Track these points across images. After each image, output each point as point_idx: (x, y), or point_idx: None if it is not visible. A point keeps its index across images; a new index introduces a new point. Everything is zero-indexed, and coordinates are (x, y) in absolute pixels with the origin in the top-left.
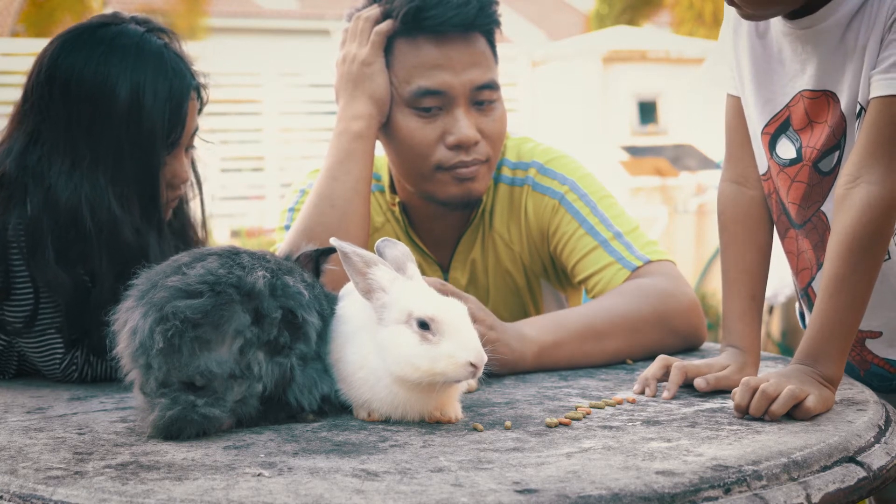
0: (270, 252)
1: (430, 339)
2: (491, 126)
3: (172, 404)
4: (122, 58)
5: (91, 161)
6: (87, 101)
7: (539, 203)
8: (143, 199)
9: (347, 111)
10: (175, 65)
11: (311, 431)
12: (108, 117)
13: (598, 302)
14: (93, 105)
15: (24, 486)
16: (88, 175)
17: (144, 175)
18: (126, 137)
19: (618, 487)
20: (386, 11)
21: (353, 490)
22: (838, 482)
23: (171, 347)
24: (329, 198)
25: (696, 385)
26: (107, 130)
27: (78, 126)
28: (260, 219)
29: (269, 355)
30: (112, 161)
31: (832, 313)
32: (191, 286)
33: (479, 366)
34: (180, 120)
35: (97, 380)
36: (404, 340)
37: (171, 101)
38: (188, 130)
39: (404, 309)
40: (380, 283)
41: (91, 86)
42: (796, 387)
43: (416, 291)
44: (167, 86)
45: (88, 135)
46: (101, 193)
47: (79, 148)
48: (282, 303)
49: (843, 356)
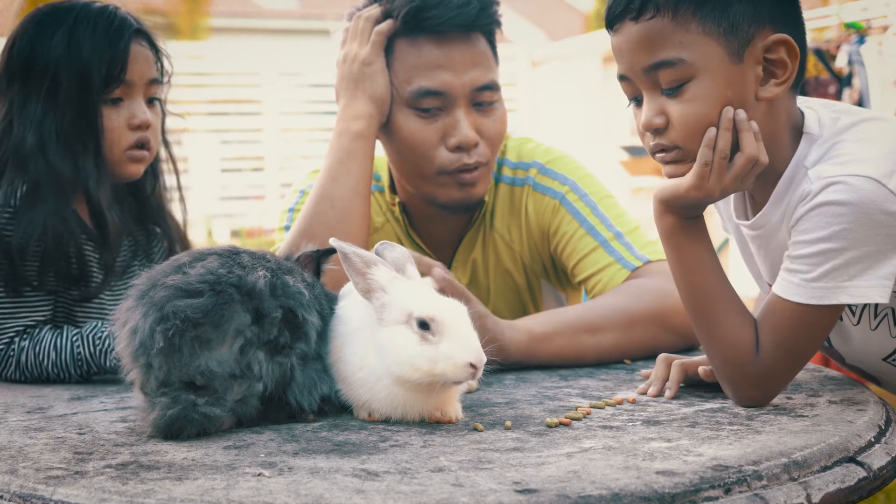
0: (271, 252)
1: (429, 339)
2: (491, 127)
3: (173, 403)
4: (61, 22)
5: (35, 105)
6: (32, 65)
7: (540, 203)
8: (80, 130)
9: (348, 111)
10: (111, 12)
11: (311, 431)
12: (50, 69)
13: (594, 300)
14: (36, 65)
15: (24, 486)
16: (27, 118)
17: (84, 108)
18: (65, 75)
19: (618, 487)
20: (386, 11)
21: (354, 490)
22: (838, 482)
23: (171, 347)
24: (329, 198)
25: (701, 374)
26: (48, 78)
27: (28, 85)
28: (260, 219)
29: (269, 355)
30: (52, 99)
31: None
32: (191, 285)
33: (478, 367)
34: (118, 54)
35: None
36: (404, 341)
37: (108, 36)
38: (137, 71)
39: (404, 309)
40: (379, 283)
41: (33, 51)
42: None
43: (416, 291)
44: (103, 27)
45: (37, 87)
46: (26, 128)
47: (29, 99)
48: (282, 302)
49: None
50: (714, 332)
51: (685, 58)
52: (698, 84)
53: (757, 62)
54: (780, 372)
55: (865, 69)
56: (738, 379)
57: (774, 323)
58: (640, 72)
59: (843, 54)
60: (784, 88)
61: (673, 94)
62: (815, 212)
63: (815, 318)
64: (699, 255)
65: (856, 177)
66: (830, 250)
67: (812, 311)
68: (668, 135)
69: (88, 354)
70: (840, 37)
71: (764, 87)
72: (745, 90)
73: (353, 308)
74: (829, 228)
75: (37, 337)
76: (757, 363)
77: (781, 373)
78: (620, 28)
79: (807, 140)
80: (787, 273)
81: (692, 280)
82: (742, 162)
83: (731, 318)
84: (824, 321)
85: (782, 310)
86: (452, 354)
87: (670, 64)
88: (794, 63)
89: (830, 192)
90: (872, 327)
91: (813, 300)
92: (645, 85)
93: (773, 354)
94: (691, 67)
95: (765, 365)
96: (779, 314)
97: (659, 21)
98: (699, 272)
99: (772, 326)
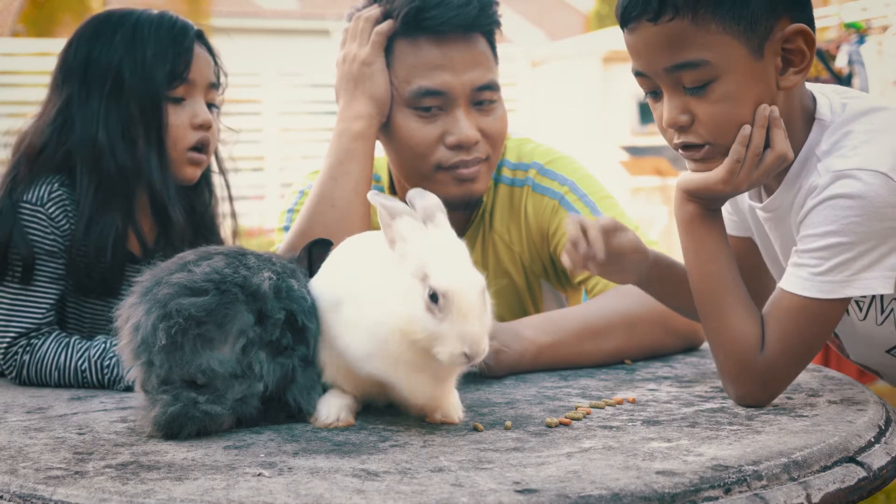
0: (277, 255)
1: (435, 312)
2: (492, 126)
3: (174, 401)
4: (121, 25)
5: (97, 102)
6: (93, 64)
7: (539, 204)
8: (145, 126)
9: (348, 111)
10: (172, 16)
11: (311, 431)
12: (113, 67)
13: (595, 301)
14: (97, 63)
15: (24, 486)
16: (91, 114)
17: (149, 104)
18: (128, 73)
19: (618, 487)
20: (386, 11)
21: (354, 490)
22: (838, 482)
23: (173, 344)
24: (329, 198)
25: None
26: (111, 75)
27: (89, 82)
28: (260, 219)
29: (271, 355)
30: (116, 96)
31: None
32: (196, 284)
33: (473, 358)
34: (182, 53)
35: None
36: (414, 297)
37: (172, 36)
38: (199, 72)
39: (421, 265)
40: (401, 234)
41: (94, 52)
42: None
43: (437, 249)
44: (166, 27)
45: (99, 84)
46: (91, 125)
47: (91, 96)
48: (285, 305)
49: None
50: (721, 324)
51: (709, 59)
52: (724, 84)
53: (776, 53)
54: (784, 368)
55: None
56: (740, 375)
57: (781, 317)
58: (660, 71)
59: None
60: (803, 76)
61: (698, 94)
62: (823, 205)
63: (822, 312)
64: (716, 245)
65: (864, 171)
66: (840, 244)
67: (820, 304)
68: (697, 131)
69: (96, 381)
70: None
71: (784, 76)
72: (769, 83)
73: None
74: (839, 222)
75: (39, 352)
76: (761, 360)
77: (785, 369)
78: (637, 28)
79: (818, 126)
80: (794, 268)
81: (707, 269)
82: (772, 158)
83: (739, 311)
84: (831, 315)
85: (790, 304)
86: (448, 339)
87: (694, 66)
88: (811, 51)
89: (839, 185)
90: (879, 322)
91: (822, 294)
92: (665, 83)
93: (778, 350)
94: (715, 68)
95: (769, 361)
96: (786, 309)
97: (679, 23)
98: (714, 261)
99: (778, 321)
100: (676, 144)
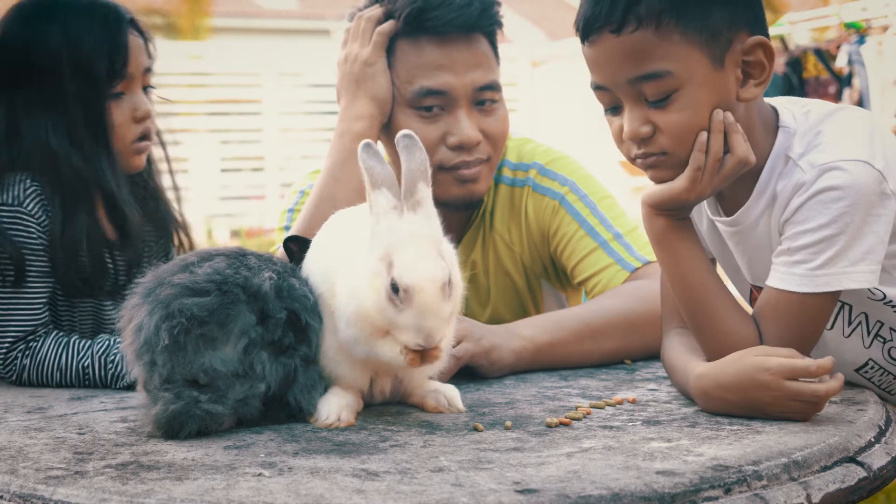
0: (277, 255)
1: (396, 303)
2: (493, 126)
3: (176, 399)
4: (52, 17)
5: (41, 108)
6: (30, 64)
7: (539, 204)
8: (91, 129)
9: (349, 111)
10: (103, 4)
11: (311, 431)
12: (51, 69)
13: (595, 302)
14: (35, 65)
15: (24, 486)
16: (37, 121)
17: (92, 107)
18: (67, 74)
19: (618, 487)
20: (388, 12)
21: (354, 490)
22: (838, 482)
23: (176, 344)
24: (330, 198)
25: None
26: (50, 78)
27: (29, 85)
28: (260, 219)
29: (273, 355)
30: (58, 100)
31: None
32: (198, 284)
33: (425, 354)
34: (119, 48)
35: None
36: (376, 283)
37: (107, 31)
38: (136, 62)
39: (388, 252)
40: (376, 210)
41: (28, 49)
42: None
43: (406, 237)
44: (100, 20)
45: (39, 88)
46: (40, 133)
47: (33, 102)
48: (287, 305)
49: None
50: (716, 331)
51: (672, 69)
52: (685, 93)
53: (736, 65)
54: None
55: (865, 69)
56: None
57: (777, 317)
58: (622, 83)
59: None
60: (762, 88)
61: (659, 106)
62: (813, 200)
63: (818, 306)
64: (692, 254)
65: (848, 161)
66: (833, 236)
67: (816, 299)
68: (657, 142)
69: (98, 378)
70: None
71: (744, 88)
72: (729, 93)
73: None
74: (830, 214)
75: (39, 354)
76: None
77: None
78: (598, 40)
79: (784, 133)
80: (786, 266)
81: (689, 279)
82: (733, 163)
83: (731, 315)
84: (827, 308)
85: (787, 303)
86: (405, 330)
87: (657, 76)
88: (770, 63)
89: (827, 178)
90: (846, 334)
91: (818, 288)
92: (627, 95)
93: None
94: (678, 79)
95: None
96: (782, 307)
97: (642, 34)
98: (695, 270)
99: (775, 320)
100: (636, 155)
